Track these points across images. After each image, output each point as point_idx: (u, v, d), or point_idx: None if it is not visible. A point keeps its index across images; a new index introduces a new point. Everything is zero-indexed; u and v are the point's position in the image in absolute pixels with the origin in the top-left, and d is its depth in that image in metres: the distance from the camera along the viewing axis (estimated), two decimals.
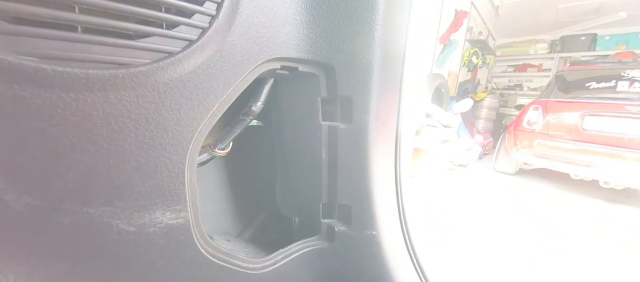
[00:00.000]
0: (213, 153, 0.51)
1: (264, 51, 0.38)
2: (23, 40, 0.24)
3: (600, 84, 2.93)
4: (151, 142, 0.32)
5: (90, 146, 0.29)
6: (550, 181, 3.22)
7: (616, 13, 4.49)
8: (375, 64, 0.46)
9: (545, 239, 1.80)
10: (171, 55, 0.30)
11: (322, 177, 0.54)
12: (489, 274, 1.42)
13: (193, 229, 0.40)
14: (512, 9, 4.78)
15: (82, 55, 0.26)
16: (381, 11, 0.43)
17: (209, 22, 0.32)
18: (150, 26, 0.30)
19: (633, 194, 2.80)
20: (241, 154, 0.63)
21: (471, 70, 5.11)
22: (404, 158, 0.59)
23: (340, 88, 0.47)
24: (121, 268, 0.36)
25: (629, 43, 4.98)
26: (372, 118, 0.49)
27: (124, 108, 0.29)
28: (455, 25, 3.80)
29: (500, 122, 5.65)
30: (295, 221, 0.72)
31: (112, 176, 0.31)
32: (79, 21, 0.26)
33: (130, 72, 0.28)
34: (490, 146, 4.64)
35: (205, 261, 0.42)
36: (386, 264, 0.59)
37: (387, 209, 0.58)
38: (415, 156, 2.70)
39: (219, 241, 0.57)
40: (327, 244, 0.58)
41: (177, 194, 0.36)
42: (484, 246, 1.67)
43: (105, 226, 0.32)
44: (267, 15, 0.37)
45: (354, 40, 0.44)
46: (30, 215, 0.28)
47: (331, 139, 0.51)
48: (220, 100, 0.36)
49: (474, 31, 4.73)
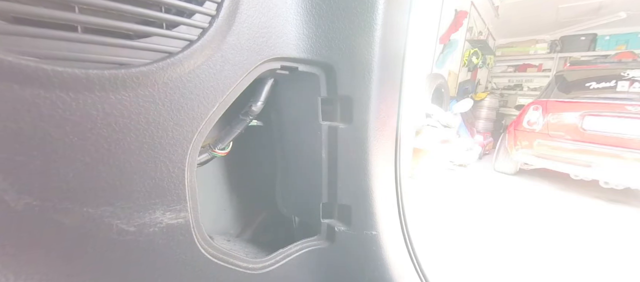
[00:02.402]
0: (213, 153, 0.51)
1: (264, 51, 0.38)
2: (23, 40, 0.24)
3: (600, 84, 2.94)
4: (151, 142, 0.32)
5: (90, 146, 0.29)
6: (550, 181, 3.22)
7: (616, 13, 4.49)
8: (375, 64, 0.46)
9: (545, 239, 1.80)
10: (171, 55, 0.30)
11: (322, 177, 0.54)
12: (488, 274, 1.42)
13: (193, 229, 0.40)
14: (512, 9, 4.79)
15: (82, 55, 0.26)
16: (381, 11, 0.43)
17: (209, 22, 0.32)
18: (150, 26, 0.29)
19: (633, 194, 2.80)
20: (241, 154, 0.63)
21: (471, 70, 5.11)
22: (404, 158, 0.59)
23: (340, 88, 0.47)
24: (121, 268, 0.36)
25: (629, 43, 4.99)
26: (372, 118, 0.49)
27: (124, 108, 0.29)
28: (455, 25, 3.80)
29: (500, 122, 5.65)
30: (295, 221, 0.72)
31: (112, 176, 0.31)
32: (79, 21, 0.26)
33: (130, 72, 0.28)
34: (490, 146, 4.64)
35: (205, 261, 0.42)
36: (386, 264, 0.59)
37: (387, 209, 0.58)
38: (415, 156, 2.70)
39: (219, 241, 0.57)
40: (327, 244, 0.58)
41: (177, 194, 0.36)
42: (484, 246, 1.67)
43: (105, 226, 0.32)
44: (267, 15, 0.37)
45: (354, 40, 0.44)
46: (30, 215, 0.28)
47: (331, 139, 0.51)
48: (220, 100, 0.36)
49: (474, 31, 4.74)
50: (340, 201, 0.55)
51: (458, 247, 1.64)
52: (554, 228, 1.98)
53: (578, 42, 5.42)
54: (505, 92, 6.31)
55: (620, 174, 2.47)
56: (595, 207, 2.49)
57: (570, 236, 1.87)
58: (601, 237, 1.87)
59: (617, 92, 2.79)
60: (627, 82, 2.78)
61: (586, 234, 1.91)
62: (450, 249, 1.61)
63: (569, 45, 5.55)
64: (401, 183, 0.60)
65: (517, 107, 4.14)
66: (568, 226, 2.03)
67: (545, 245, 1.72)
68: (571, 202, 2.58)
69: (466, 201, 2.45)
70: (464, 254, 1.57)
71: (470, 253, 1.59)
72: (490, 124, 4.98)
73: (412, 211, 2.07)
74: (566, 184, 3.06)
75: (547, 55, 5.87)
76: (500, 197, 2.62)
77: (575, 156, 2.67)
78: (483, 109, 4.82)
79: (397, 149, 0.57)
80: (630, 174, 2.41)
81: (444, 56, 3.83)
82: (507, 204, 2.46)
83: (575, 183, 2.97)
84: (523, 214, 2.24)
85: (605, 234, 1.93)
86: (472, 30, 4.65)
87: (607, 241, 1.84)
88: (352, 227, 0.56)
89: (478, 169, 3.70)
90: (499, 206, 2.39)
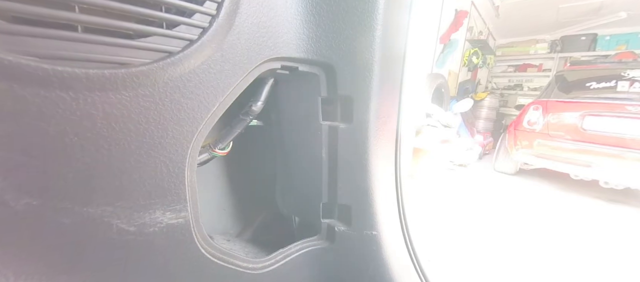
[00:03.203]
0: (213, 153, 0.51)
1: (264, 51, 0.38)
2: (23, 40, 0.24)
3: (600, 84, 2.94)
4: (151, 141, 0.32)
5: (90, 146, 0.29)
6: (550, 181, 3.22)
7: (616, 13, 4.49)
8: (376, 64, 0.46)
9: (545, 239, 1.80)
10: (171, 55, 0.30)
11: (322, 177, 0.54)
12: (488, 274, 1.42)
13: (193, 228, 0.40)
14: (512, 8, 4.78)
15: (82, 55, 0.26)
16: (381, 11, 0.43)
17: (209, 22, 0.32)
18: (151, 26, 0.29)
19: (633, 194, 2.80)
20: (241, 154, 0.63)
21: (471, 70, 5.11)
22: (404, 158, 0.59)
23: (341, 88, 0.47)
24: (121, 268, 0.36)
25: (629, 43, 4.98)
26: (372, 118, 0.49)
27: (124, 108, 0.29)
28: (455, 25, 3.80)
29: (500, 122, 5.65)
30: (295, 221, 0.72)
31: (112, 175, 0.31)
32: (79, 21, 0.26)
33: (130, 72, 0.28)
34: (490, 145, 4.64)
35: (205, 261, 0.42)
36: (386, 264, 0.59)
37: (387, 209, 0.58)
38: (415, 155, 2.70)
39: (219, 240, 0.57)
40: (327, 244, 0.58)
41: (177, 193, 0.36)
42: (484, 246, 1.67)
43: (105, 226, 0.32)
44: (267, 15, 0.37)
45: (354, 40, 0.44)
46: (30, 215, 0.28)
47: (331, 139, 0.51)
48: (220, 100, 0.36)
49: (474, 31, 4.74)
50: (341, 201, 0.55)
51: (458, 247, 1.64)
52: (554, 228, 1.98)
53: (578, 42, 5.41)
54: (505, 92, 6.31)
55: (620, 174, 2.47)
56: (595, 207, 2.49)
57: (570, 235, 1.87)
58: (601, 237, 1.88)
59: (618, 92, 2.79)
60: (628, 82, 2.78)
61: (586, 234, 1.91)
62: (450, 249, 1.61)
63: (569, 45, 5.54)
64: (401, 183, 0.60)
65: (517, 107, 4.14)
66: (568, 226, 2.03)
67: (545, 245, 1.72)
68: (571, 202, 2.58)
69: (466, 200, 2.46)
70: (464, 254, 1.57)
71: (470, 253, 1.59)
72: (490, 124, 4.98)
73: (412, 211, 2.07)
74: (566, 184, 3.06)
75: (547, 55, 5.86)
76: (500, 197, 2.62)
77: (575, 156, 2.67)
78: (483, 109, 4.82)
79: (397, 149, 0.57)
80: (630, 174, 2.41)
81: (444, 56, 3.83)
82: (507, 204, 2.46)
83: (575, 183, 2.97)
84: (523, 214, 2.24)
85: (605, 234, 1.93)
86: (472, 30, 4.65)
87: (607, 241, 1.84)
88: (352, 227, 0.56)
89: (478, 169, 3.70)
90: (499, 206, 2.39)
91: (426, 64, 3.53)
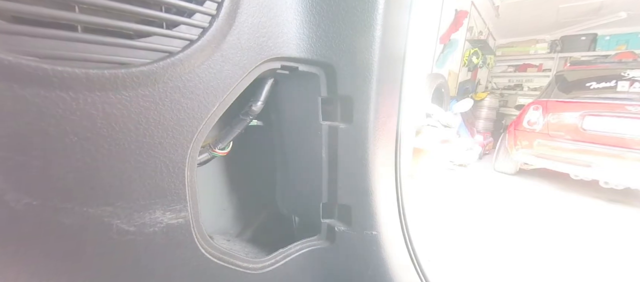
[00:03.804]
0: (213, 153, 0.51)
1: (264, 51, 0.38)
2: (23, 40, 0.24)
3: (600, 84, 2.93)
4: (151, 141, 0.32)
5: (90, 146, 0.29)
6: (550, 181, 3.22)
7: (616, 13, 4.49)
8: (376, 64, 0.46)
9: (545, 239, 1.80)
10: (171, 55, 0.30)
11: (322, 177, 0.54)
12: (488, 274, 1.42)
13: (193, 228, 0.40)
14: (513, 8, 4.78)
15: (82, 55, 0.26)
16: (381, 11, 0.43)
17: (209, 22, 0.32)
18: (151, 26, 0.29)
19: (633, 194, 2.80)
20: (241, 154, 0.63)
21: (471, 70, 5.11)
22: (404, 158, 0.59)
23: (341, 88, 0.47)
24: (121, 268, 0.36)
25: (629, 43, 4.98)
26: (372, 118, 0.49)
27: (124, 108, 0.29)
28: (455, 25, 3.80)
29: (500, 122, 5.65)
30: (295, 221, 0.72)
31: (112, 175, 0.31)
32: (79, 21, 0.26)
33: (130, 72, 0.28)
34: (490, 145, 4.64)
35: (205, 261, 0.42)
36: (386, 264, 0.59)
37: (387, 209, 0.58)
38: (415, 155, 2.70)
39: (219, 240, 0.57)
40: (328, 244, 0.58)
41: (177, 193, 0.36)
42: (484, 246, 1.67)
43: (105, 226, 0.32)
44: (267, 15, 0.37)
45: (354, 40, 0.44)
46: (30, 215, 0.28)
47: (331, 139, 0.51)
48: (221, 100, 0.36)
49: (474, 31, 4.73)
50: (341, 201, 0.55)
51: (458, 247, 1.64)
52: (554, 228, 1.98)
53: (578, 42, 5.41)
54: (505, 92, 6.31)
55: (620, 174, 2.47)
56: (595, 207, 2.49)
57: (570, 235, 1.87)
58: (601, 237, 1.87)
59: (618, 92, 2.79)
60: (627, 82, 2.78)
61: (586, 234, 1.91)
62: (450, 249, 1.61)
63: (569, 45, 5.54)
64: (401, 183, 0.60)
65: (517, 107, 4.14)
66: (568, 226, 2.03)
67: (545, 245, 1.72)
68: (571, 202, 2.58)
69: (466, 200, 2.45)
70: (464, 254, 1.57)
71: (470, 253, 1.59)
72: (490, 124, 4.98)
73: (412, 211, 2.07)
74: (566, 184, 3.06)
75: (547, 55, 5.86)
76: (500, 197, 2.62)
77: (575, 155, 2.67)
78: (483, 109, 4.82)
79: (397, 149, 0.57)
80: (630, 174, 2.41)
81: (444, 56, 3.83)
82: (507, 204, 2.46)
83: (575, 183, 2.97)
84: (523, 214, 2.24)
85: (605, 234, 1.93)
86: (472, 30, 4.65)
87: (606, 240, 1.84)
88: (352, 227, 0.56)
89: (478, 169, 3.70)
90: (499, 206, 2.39)
91: (426, 64, 3.53)
